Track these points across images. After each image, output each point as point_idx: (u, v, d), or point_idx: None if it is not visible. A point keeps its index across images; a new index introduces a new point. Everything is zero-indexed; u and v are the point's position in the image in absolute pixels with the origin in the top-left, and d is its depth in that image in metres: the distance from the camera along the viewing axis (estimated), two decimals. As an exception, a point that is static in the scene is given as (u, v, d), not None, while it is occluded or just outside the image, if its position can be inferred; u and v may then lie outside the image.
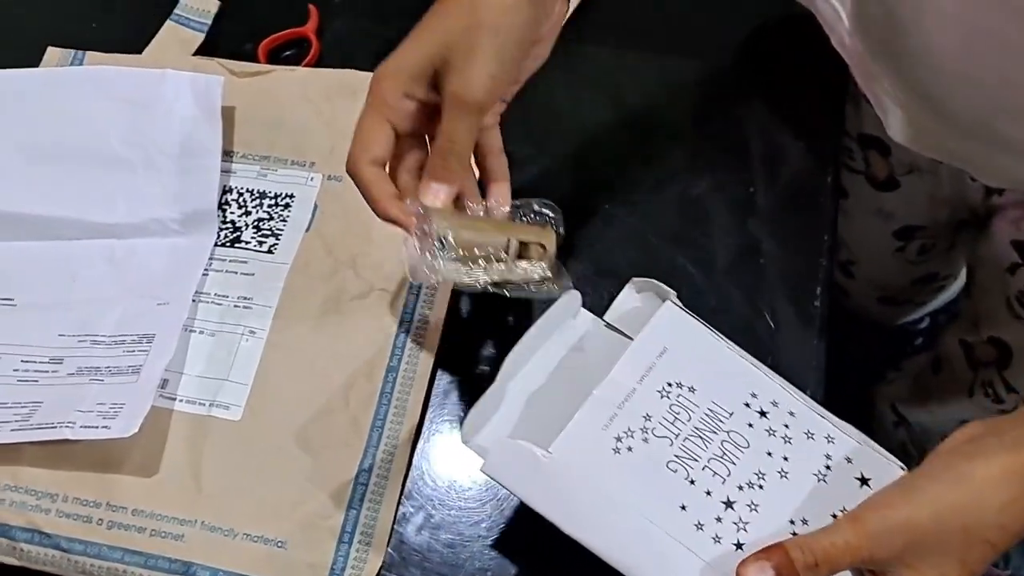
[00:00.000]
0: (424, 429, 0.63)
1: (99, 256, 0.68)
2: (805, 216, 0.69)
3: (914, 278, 1.03)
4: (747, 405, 0.53)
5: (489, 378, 0.63)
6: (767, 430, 0.52)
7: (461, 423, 0.62)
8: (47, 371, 0.63)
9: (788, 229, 0.69)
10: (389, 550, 0.60)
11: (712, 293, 0.67)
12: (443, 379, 0.65)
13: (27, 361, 0.64)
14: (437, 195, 0.55)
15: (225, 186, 0.71)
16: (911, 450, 0.99)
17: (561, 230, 0.59)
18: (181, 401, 0.63)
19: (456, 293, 0.67)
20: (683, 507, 0.50)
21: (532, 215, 0.60)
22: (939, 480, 0.48)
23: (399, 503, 0.61)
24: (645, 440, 0.51)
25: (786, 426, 0.52)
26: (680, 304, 0.56)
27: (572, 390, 0.53)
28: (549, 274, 0.58)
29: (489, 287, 0.57)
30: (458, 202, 0.57)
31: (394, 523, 0.60)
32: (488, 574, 0.59)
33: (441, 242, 0.54)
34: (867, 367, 1.19)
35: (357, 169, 0.55)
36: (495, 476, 0.51)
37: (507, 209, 0.59)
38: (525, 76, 0.58)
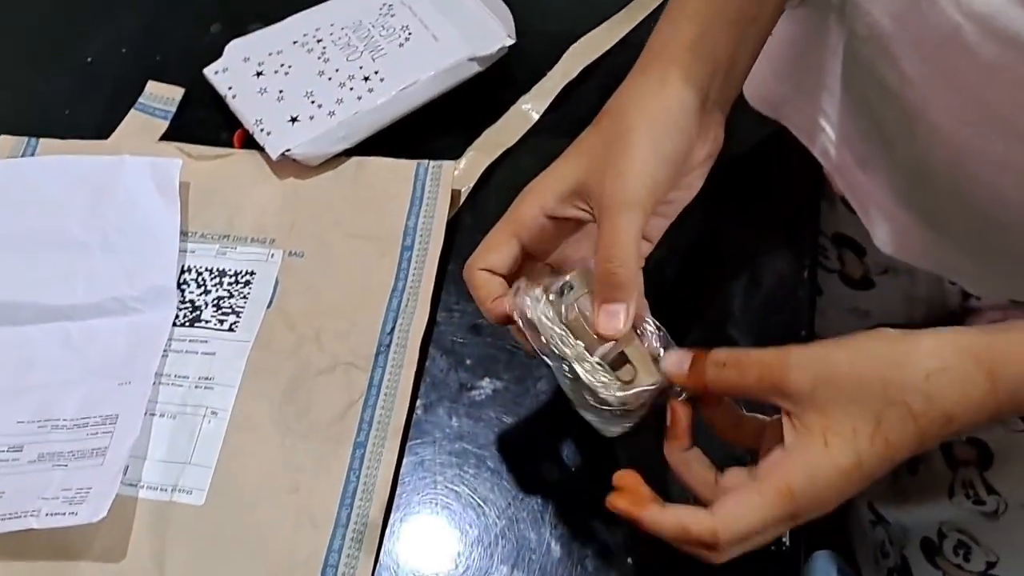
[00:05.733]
0: (394, 506, 0.62)
1: (55, 340, 0.67)
2: (782, 313, 0.69)
3: None
4: None
5: (457, 454, 0.63)
6: None
7: (431, 498, 0.62)
8: (7, 459, 0.61)
9: (765, 326, 0.68)
10: (362, 632, 0.58)
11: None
12: (412, 455, 0.64)
13: (-16, 451, 0.62)
14: (612, 318, 0.50)
15: (184, 266, 0.70)
16: (889, 549, 0.95)
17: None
18: (143, 487, 0.61)
19: (420, 367, 0.66)
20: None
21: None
22: (875, 334, 0.46)
23: (371, 583, 0.59)
24: None
25: None
26: None
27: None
28: (626, 405, 0.51)
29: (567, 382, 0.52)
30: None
31: (366, 604, 0.59)
32: (464, 653, 0.58)
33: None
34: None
35: (468, 273, 0.55)
36: None
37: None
38: (675, 209, 0.57)
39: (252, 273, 0.70)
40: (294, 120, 0.73)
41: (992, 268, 0.61)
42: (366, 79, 0.76)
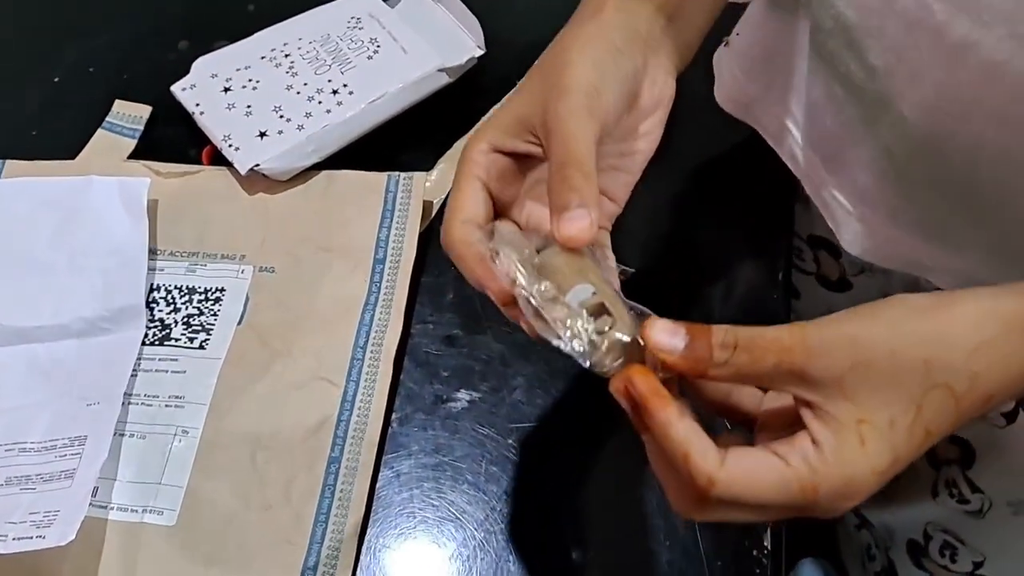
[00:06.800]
0: (371, 521, 0.61)
1: (22, 362, 0.66)
2: (758, 316, 0.68)
3: None
4: None
5: (433, 467, 0.62)
6: None
7: (408, 512, 0.61)
8: (-29, 486, 0.60)
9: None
10: (339, 651, 0.57)
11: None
12: (388, 469, 0.63)
13: (-52, 477, 0.61)
14: (572, 224, 0.44)
15: (152, 285, 0.69)
16: (876, 552, 0.94)
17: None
18: (113, 509, 0.60)
19: (395, 380, 0.65)
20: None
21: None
22: (904, 304, 0.40)
23: (347, 600, 0.58)
24: None
25: None
26: None
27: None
28: (594, 357, 0.43)
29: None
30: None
31: (343, 622, 0.58)
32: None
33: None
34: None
35: (448, 230, 0.48)
36: None
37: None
38: (639, 163, 0.53)
39: (222, 290, 0.69)
40: (263, 135, 0.73)
41: (960, 259, 0.60)
42: (335, 92, 0.75)
